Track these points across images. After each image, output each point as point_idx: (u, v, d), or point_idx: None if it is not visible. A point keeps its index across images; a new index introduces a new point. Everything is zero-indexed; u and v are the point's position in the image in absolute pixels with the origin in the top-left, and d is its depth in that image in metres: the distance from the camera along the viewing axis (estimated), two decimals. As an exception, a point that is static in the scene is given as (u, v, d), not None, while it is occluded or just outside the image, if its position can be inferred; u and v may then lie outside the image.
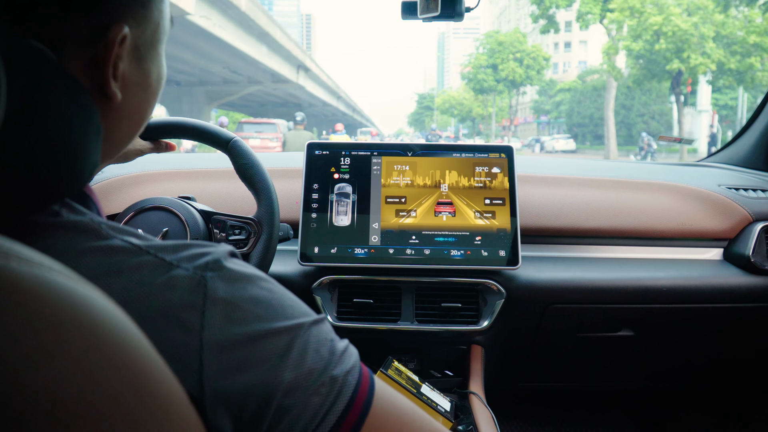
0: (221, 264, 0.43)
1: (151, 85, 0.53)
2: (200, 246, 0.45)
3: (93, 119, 0.43)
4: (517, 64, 37.69)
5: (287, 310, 0.44)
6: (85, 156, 0.43)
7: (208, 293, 0.41)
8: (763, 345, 1.49)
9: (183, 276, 0.41)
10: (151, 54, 0.52)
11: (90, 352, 0.29)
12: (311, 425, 0.41)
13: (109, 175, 1.36)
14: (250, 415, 0.40)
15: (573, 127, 39.34)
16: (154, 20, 0.51)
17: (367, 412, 0.43)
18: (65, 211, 0.43)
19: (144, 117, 0.54)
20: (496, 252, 1.20)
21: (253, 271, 0.46)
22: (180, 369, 0.38)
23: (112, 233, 0.43)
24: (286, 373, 0.41)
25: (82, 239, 0.41)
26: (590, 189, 1.43)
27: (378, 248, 1.20)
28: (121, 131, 0.51)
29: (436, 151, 1.27)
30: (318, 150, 1.26)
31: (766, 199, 1.43)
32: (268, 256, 0.99)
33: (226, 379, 0.40)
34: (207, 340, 0.40)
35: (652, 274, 1.30)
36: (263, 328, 0.42)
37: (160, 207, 1.01)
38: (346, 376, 0.44)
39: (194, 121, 1.05)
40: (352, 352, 0.47)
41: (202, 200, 1.09)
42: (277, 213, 1.00)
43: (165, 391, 0.34)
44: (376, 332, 1.21)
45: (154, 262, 0.41)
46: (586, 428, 1.81)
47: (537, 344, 1.37)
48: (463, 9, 1.09)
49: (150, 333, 0.37)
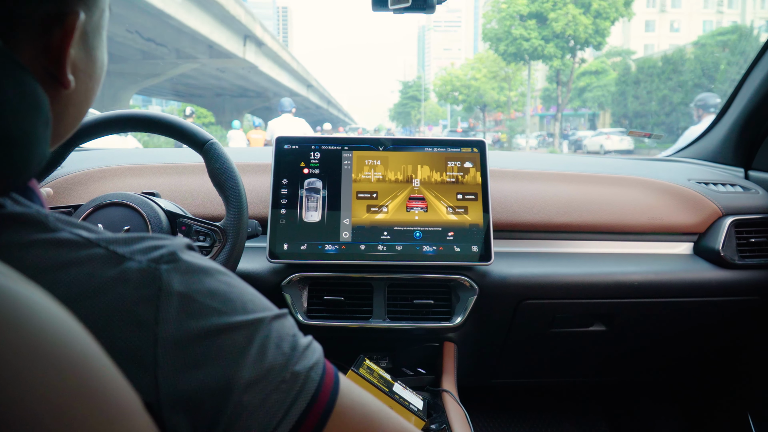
0: (177, 256, 0.42)
1: (96, 72, 0.51)
2: (155, 238, 0.43)
3: (41, 109, 0.41)
4: (581, 11, 24.46)
5: (247, 304, 0.43)
6: (32, 147, 0.40)
7: (163, 286, 0.39)
8: (732, 337, 1.51)
9: (136, 269, 0.39)
10: (97, 41, 0.50)
11: (29, 355, 0.28)
12: (271, 423, 0.39)
13: (69, 170, 1.31)
14: (208, 414, 0.38)
15: (621, 118, 29.73)
16: (100, 6, 0.50)
17: (331, 409, 0.42)
18: (9, 203, 0.40)
19: (88, 105, 0.53)
20: (469, 248, 1.19)
21: (211, 264, 0.44)
22: (134, 367, 0.37)
23: (60, 225, 0.41)
24: (245, 369, 0.40)
25: (28, 232, 0.39)
26: (562, 184, 1.43)
27: (349, 244, 1.18)
28: (66, 120, 0.50)
29: (407, 146, 1.25)
30: (287, 144, 1.23)
31: (735, 194, 1.44)
32: (228, 266, 0.96)
33: (183, 376, 0.38)
34: (162, 335, 0.38)
35: (623, 269, 1.30)
36: (221, 323, 0.40)
37: (121, 203, 0.97)
38: (309, 372, 0.42)
39: (172, 118, 1.02)
40: (315, 348, 0.46)
41: (167, 196, 1.06)
42: (245, 223, 0.98)
43: (114, 396, 0.32)
44: (347, 330, 1.18)
45: (104, 255, 0.40)
46: (558, 423, 1.82)
47: (510, 340, 1.37)
48: (435, 1, 1.07)
49: (102, 330, 0.36)
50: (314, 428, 0.41)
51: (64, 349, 0.30)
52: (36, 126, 0.41)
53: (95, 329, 0.35)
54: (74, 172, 1.31)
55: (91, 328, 0.35)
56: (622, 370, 1.60)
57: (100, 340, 0.35)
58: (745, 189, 1.47)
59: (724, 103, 1.66)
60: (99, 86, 0.53)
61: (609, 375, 1.62)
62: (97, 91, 0.53)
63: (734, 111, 1.60)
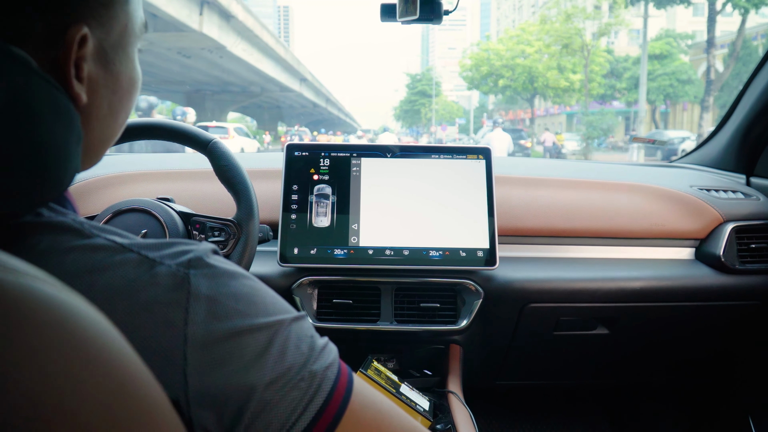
0: (204, 261, 0.44)
1: (122, 88, 0.52)
2: (183, 244, 0.46)
3: (73, 124, 0.43)
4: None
5: (269, 307, 0.45)
6: (65, 161, 0.43)
7: (192, 290, 0.42)
8: (733, 341, 1.53)
9: (166, 273, 0.42)
10: (120, 57, 0.51)
11: (71, 357, 0.30)
12: (291, 419, 0.42)
13: (85, 176, 1.35)
14: (232, 410, 0.41)
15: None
16: (120, 22, 0.50)
17: (346, 406, 0.45)
18: (46, 212, 0.43)
19: (118, 120, 0.54)
20: (474, 252, 1.22)
21: (235, 268, 0.47)
22: (165, 365, 0.39)
23: (95, 232, 0.43)
24: (267, 368, 0.42)
25: (66, 239, 0.42)
26: (566, 190, 1.45)
27: (357, 249, 1.21)
28: (93, 135, 0.51)
29: (414, 153, 1.28)
30: (297, 151, 1.26)
31: (736, 200, 1.47)
32: (247, 257, 0.99)
33: (210, 374, 0.41)
34: (191, 335, 0.40)
35: (626, 274, 1.32)
36: (245, 324, 0.43)
37: (138, 209, 1.00)
38: (326, 372, 0.45)
39: (173, 122, 1.05)
40: (331, 349, 0.48)
41: (180, 201, 1.09)
42: (257, 214, 1.01)
43: (145, 394, 0.34)
44: (355, 333, 1.21)
45: (137, 260, 0.42)
46: (562, 425, 1.84)
47: (514, 343, 1.39)
48: (442, 12, 1.10)
49: (135, 329, 0.39)
50: (330, 423, 0.43)
51: (103, 351, 0.32)
52: (69, 143, 0.43)
53: (129, 328, 0.38)
54: (88, 179, 1.35)
55: (125, 327, 0.37)
56: (624, 373, 1.62)
57: (134, 339, 0.37)
58: (746, 195, 1.49)
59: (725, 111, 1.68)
60: (130, 102, 0.54)
61: (612, 377, 1.64)
62: (126, 106, 0.54)
63: (736, 118, 1.62)
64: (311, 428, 0.42)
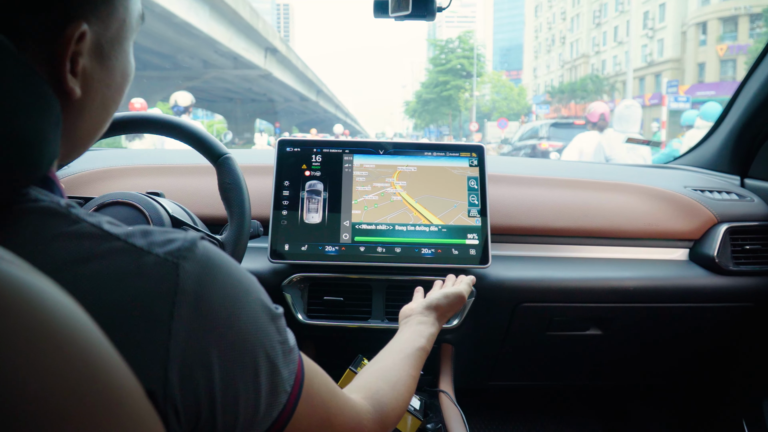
0: (193, 250, 0.44)
1: (115, 82, 0.53)
2: (171, 231, 0.45)
3: (51, 110, 0.43)
4: None
5: (250, 317, 0.47)
6: (43, 146, 0.42)
7: (179, 282, 0.41)
8: (727, 343, 1.52)
9: (154, 263, 0.41)
10: (116, 51, 0.51)
11: (38, 342, 0.29)
12: (258, 414, 0.46)
13: (75, 170, 1.33)
14: (208, 403, 0.42)
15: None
16: (118, 17, 0.50)
17: (299, 400, 0.50)
18: (33, 194, 0.42)
19: (108, 113, 0.54)
20: (467, 251, 1.21)
21: (223, 259, 0.47)
22: (145, 357, 0.39)
23: (81, 217, 0.42)
24: (245, 361, 0.45)
25: (52, 224, 0.41)
26: (559, 189, 1.44)
27: (349, 246, 1.20)
28: (83, 127, 0.51)
29: (408, 150, 1.27)
30: (289, 147, 1.25)
31: (730, 201, 1.46)
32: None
33: (189, 368, 0.41)
34: (175, 330, 0.40)
35: (619, 274, 1.32)
36: (228, 320, 0.44)
37: (122, 202, 0.97)
38: (291, 365, 0.50)
39: (193, 126, 1.01)
40: (294, 344, 0.52)
41: (171, 196, 1.07)
42: (245, 241, 0.98)
43: (118, 383, 0.34)
44: (346, 330, 1.20)
45: (123, 248, 0.41)
46: (553, 425, 1.83)
47: (507, 342, 1.38)
48: (435, 8, 1.09)
49: (120, 321, 0.38)
50: (292, 408, 0.49)
51: (73, 338, 0.31)
52: (47, 126, 0.43)
53: (114, 320, 0.38)
54: (79, 172, 1.33)
55: (110, 319, 0.37)
56: (618, 374, 1.62)
57: (118, 330, 0.37)
58: (740, 197, 1.49)
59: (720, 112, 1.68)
60: (121, 95, 0.54)
61: (605, 378, 1.64)
62: (118, 101, 0.54)
63: (731, 120, 1.62)
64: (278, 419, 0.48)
